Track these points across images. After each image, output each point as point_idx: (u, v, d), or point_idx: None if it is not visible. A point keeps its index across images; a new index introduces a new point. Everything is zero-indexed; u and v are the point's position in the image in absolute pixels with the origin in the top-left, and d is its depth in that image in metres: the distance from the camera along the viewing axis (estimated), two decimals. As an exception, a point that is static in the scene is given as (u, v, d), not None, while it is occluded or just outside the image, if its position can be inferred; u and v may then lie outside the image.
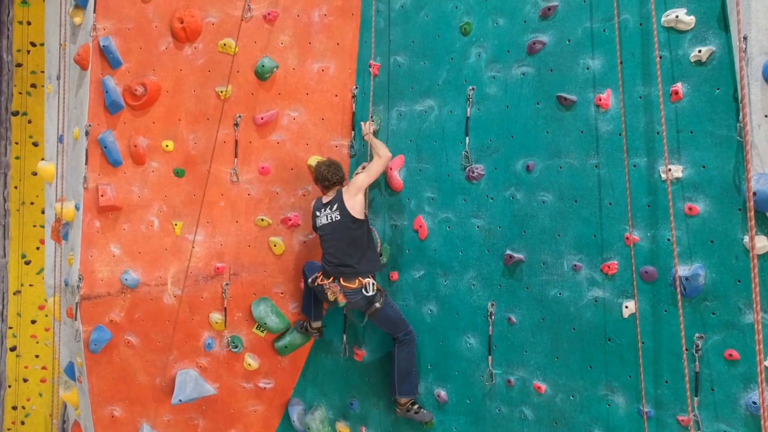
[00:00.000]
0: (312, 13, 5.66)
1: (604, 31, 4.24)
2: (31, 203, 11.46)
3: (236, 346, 5.81)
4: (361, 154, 5.54)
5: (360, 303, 5.05)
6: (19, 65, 11.41)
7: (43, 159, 7.41)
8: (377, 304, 5.00)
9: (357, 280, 4.97)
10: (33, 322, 11.30)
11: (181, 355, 5.88)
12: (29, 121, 11.50)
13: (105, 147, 5.82)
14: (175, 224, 5.80)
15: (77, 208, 6.00)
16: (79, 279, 5.86)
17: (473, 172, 4.79)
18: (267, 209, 5.73)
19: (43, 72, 9.38)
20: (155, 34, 5.83)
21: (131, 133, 5.83)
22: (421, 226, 5.11)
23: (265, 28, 5.68)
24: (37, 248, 11.40)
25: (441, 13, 5.05)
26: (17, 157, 11.48)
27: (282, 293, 5.75)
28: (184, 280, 5.79)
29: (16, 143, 11.53)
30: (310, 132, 5.67)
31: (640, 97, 4.07)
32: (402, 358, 5.07)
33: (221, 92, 5.73)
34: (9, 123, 11.54)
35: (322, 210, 5.15)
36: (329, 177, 5.13)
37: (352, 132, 5.59)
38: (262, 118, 5.69)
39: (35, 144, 11.11)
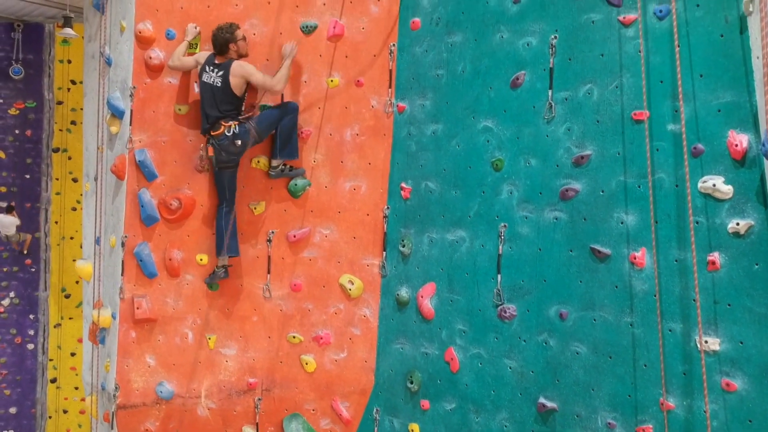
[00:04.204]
0: (344, 132, 5.69)
1: (639, 187, 4.18)
2: (71, 238, 11.70)
3: (268, 460, 5.85)
4: (392, 275, 5.55)
5: (226, 145, 5.44)
6: (59, 103, 11.70)
7: (81, 258, 7.54)
8: (238, 141, 5.41)
9: (222, 125, 5.43)
10: (72, 354, 11.52)
11: (214, 466, 5.94)
12: (69, 158, 11.76)
13: (141, 260, 5.92)
14: (209, 338, 5.87)
15: (114, 317, 6.11)
16: (116, 388, 5.96)
17: (505, 312, 4.75)
18: (299, 326, 5.76)
19: (82, 109, 9.63)
20: (190, 148, 5.91)
21: (166, 245, 5.92)
22: (452, 359, 5.08)
23: (298, 145, 5.72)
24: (77, 282, 11.62)
25: (472, 144, 5.03)
26: (58, 193, 11.75)
27: (314, 410, 5.78)
28: (217, 393, 5.85)
29: (57, 179, 11.79)
30: (342, 250, 5.70)
31: (676, 261, 4.00)
32: (285, 125, 5.57)
33: (254, 208, 5.79)
34: (50, 159, 11.83)
35: (210, 68, 5.54)
36: (220, 40, 5.49)
37: (384, 252, 5.60)
38: (294, 236, 5.74)
39: (75, 180, 11.34)
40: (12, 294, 11.63)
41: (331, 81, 5.73)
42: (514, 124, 4.80)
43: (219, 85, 5.47)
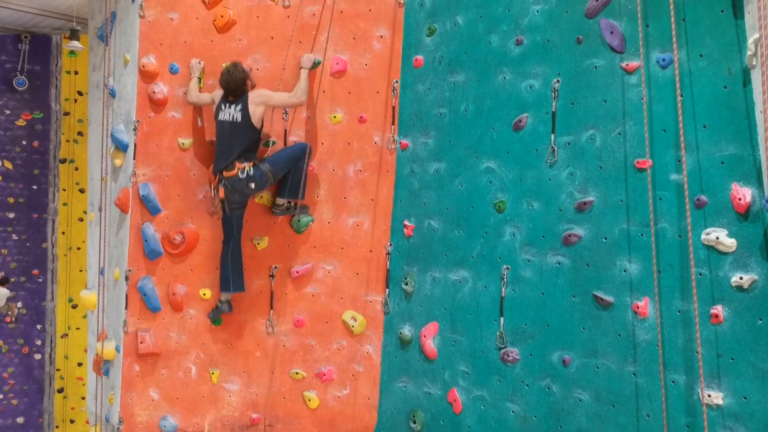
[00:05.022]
0: (347, 168, 5.69)
1: (642, 236, 4.15)
2: (78, 248, 11.74)
3: (271, 495, 5.85)
4: (395, 313, 5.54)
5: (239, 188, 5.41)
6: (66, 114, 11.74)
7: (85, 288, 7.56)
8: (252, 184, 5.40)
9: (236, 167, 5.38)
10: (79, 364, 11.56)
11: (217, 500, 5.94)
12: (76, 168, 11.81)
13: (144, 294, 5.93)
14: (212, 372, 5.87)
15: (118, 350, 6.12)
16: (120, 421, 5.97)
17: (508, 356, 4.73)
18: (302, 362, 5.75)
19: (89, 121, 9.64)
20: (193, 182, 5.93)
21: (170, 279, 5.93)
22: (455, 400, 5.07)
23: (301, 181, 5.73)
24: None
25: (475, 185, 5.01)
26: (65, 204, 11.81)
27: (316, 446, 5.78)
28: (220, 428, 5.85)
29: (64, 190, 11.85)
30: (345, 286, 5.69)
31: (679, 312, 3.98)
32: (299, 167, 5.54)
33: (257, 243, 5.79)
34: (57, 170, 11.88)
35: (226, 106, 5.51)
36: (230, 82, 5.46)
37: (387, 289, 5.59)
38: (297, 272, 5.74)
39: (82, 191, 11.38)
40: (19, 304, 11.68)
41: (334, 117, 5.73)
42: (517, 166, 4.78)
43: (239, 120, 5.43)
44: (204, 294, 5.87)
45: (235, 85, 5.48)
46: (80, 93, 11.60)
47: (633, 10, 4.19)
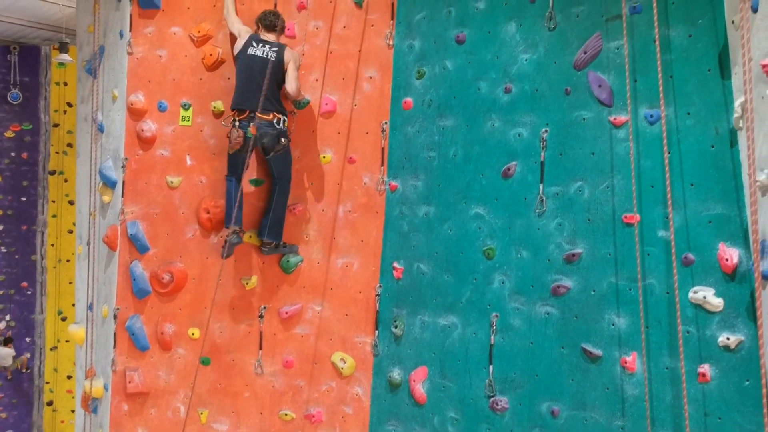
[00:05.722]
0: (337, 208, 5.69)
1: (630, 290, 4.17)
2: (67, 261, 11.69)
3: None
4: (384, 355, 5.53)
5: (270, 135, 5.36)
6: (56, 125, 11.69)
7: (74, 322, 7.52)
8: (283, 140, 5.42)
9: (272, 114, 5.33)
10: (69, 377, 11.52)
11: None
12: (65, 180, 11.78)
13: (132, 333, 5.90)
14: (201, 412, 5.84)
15: (106, 388, 6.08)
16: (107, 461, 5.94)
17: (497, 404, 4.73)
18: (291, 403, 5.74)
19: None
20: (182, 220, 5.90)
21: (158, 319, 5.90)
22: (445, 447, 5.07)
23: (290, 221, 5.71)
24: (73, 305, 11.61)
25: (464, 230, 5.01)
26: (54, 216, 11.76)
27: (306, 488, 5.77)
28: (209, 468, 5.83)
29: (53, 201, 11.81)
30: (334, 327, 5.68)
31: (667, 368, 3.99)
32: (280, 203, 5.57)
33: (246, 283, 5.77)
34: (46, 182, 11.83)
35: (259, 44, 5.43)
36: (275, 21, 5.50)
37: (376, 331, 5.58)
38: (286, 312, 5.72)
39: (71, 203, 11.33)
40: (8, 317, 11.63)
41: (324, 157, 5.72)
42: (506, 214, 4.78)
43: (273, 59, 5.34)
44: (192, 333, 5.85)
45: (276, 20, 5.51)
46: (69, 104, 11.55)
47: (621, 64, 4.21)
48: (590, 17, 4.40)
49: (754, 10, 3.42)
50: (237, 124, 5.39)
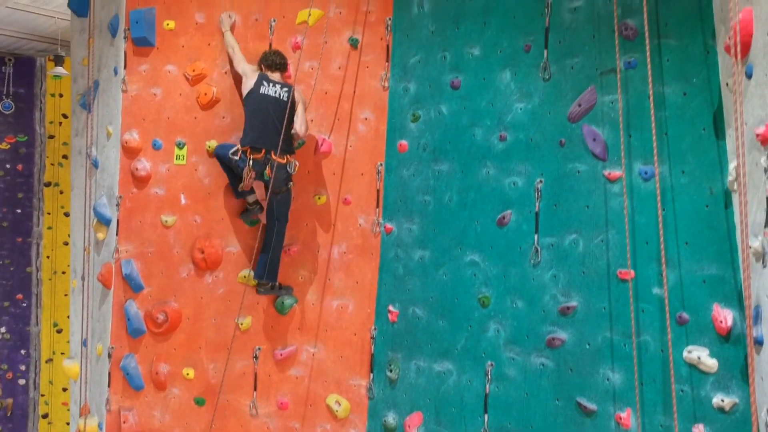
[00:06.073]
0: (332, 249, 5.67)
1: (624, 346, 4.16)
2: (63, 273, 11.64)
3: None
4: (379, 398, 5.51)
5: (280, 178, 5.41)
6: (51, 137, 11.64)
7: (69, 357, 7.50)
8: (291, 183, 5.52)
9: (286, 157, 5.38)
10: (64, 390, 11.46)
11: None
12: (61, 192, 11.73)
13: (127, 373, 5.88)
14: (196, 453, 5.83)
15: (100, 427, 6.06)
16: (102, 501, 5.91)
17: (492, 454, 4.73)
18: (286, 445, 5.73)
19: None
20: (176, 259, 5.88)
21: (153, 358, 5.88)
22: (439, 494, 5.06)
23: (285, 262, 5.70)
24: (68, 317, 11.59)
25: (459, 276, 5.00)
26: (49, 227, 11.70)
27: None
28: None
29: (48, 213, 11.74)
30: (329, 369, 5.66)
31: (661, 426, 3.99)
32: (277, 244, 5.56)
33: (240, 323, 5.75)
34: (42, 194, 11.78)
35: (270, 84, 5.44)
36: (280, 62, 5.53)
37: (371, 374, 5.56)
38: (281, 354, 5.70)
39: (67, 214, 11.26)
40: (3, 329, 11.58)
41: (318, 198, 5.71)
42: (501, 262, 4.78)
43: (285, 100, 5.39)
44: (187, 374, 5.83)
45: (281, 61, 5.52)
46: (65, 116, 11.51)
47: (615, 118, 4.21)
48: (585, 70, 4.41)
49: (749, 76, 3.42)
50: (251, 163, 5.37)
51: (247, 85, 5.54)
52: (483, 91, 4.91)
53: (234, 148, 5.44)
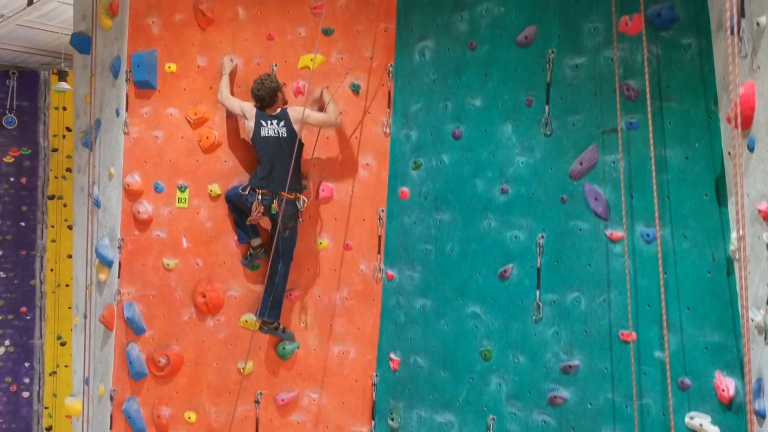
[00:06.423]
0: (333, 295, 5.66)
1: (626, 407, 4.14)
2: (66, 285, 11.64)
3: None
4: (381, 444, 5.51)
5: (288, 215, 5.43)
6: (55, 150, 11.67)
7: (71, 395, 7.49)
8: (300, 221, 5.55)
9: (295, 194, 5.40)
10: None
11: None
12: (65, 205, 11.73)
13: (129, 417, 5.88)
14: (198, 498, 5.83)
15: (102, 470, 6.07)
16: None
17: None
18: (288, 490, 5.72)
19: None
20: (178, 303, 5.88)
21: (155, 401, 5.88)
22: None
23: (287, 306, 5.69)
24: (72, 330, 11.58)
25: (461, 328, 4.99)
26: (53, 240, 11.72)
27: None
28: None
29: (52, 227, 11.76)
30: (330, 415, 5.65)
31: (666, 488, 3.97)
32: (281, 283, 5.56)
33: (242, 368, 5.75)
34: (45, 207, 11.79)
35: (267, 122, 5.42)
36: (268, 98, 5.41)
37: (372, 421, 5.55)
38: (282, 399, 5.70)
39: (70, 227, 11.23)
40: (7, 342, 11.59)
41: (320, 243, 5.70)
42: (503, 316, 4.77)
43: (285, 135, 5.39)
44: (189, 417, 5.82)
45: (266, 93, 5.41)
46: (69, 129, 11.50)
47: (617, 179, 4.20)
48: (586, 127, 4.39)
49: (750, 149, 3.40)
50: (259, 198, 5.41)
51: (248, 127, 5.56)
52: (484, 142, 4.90)
53: (244, 185, 5.52)
